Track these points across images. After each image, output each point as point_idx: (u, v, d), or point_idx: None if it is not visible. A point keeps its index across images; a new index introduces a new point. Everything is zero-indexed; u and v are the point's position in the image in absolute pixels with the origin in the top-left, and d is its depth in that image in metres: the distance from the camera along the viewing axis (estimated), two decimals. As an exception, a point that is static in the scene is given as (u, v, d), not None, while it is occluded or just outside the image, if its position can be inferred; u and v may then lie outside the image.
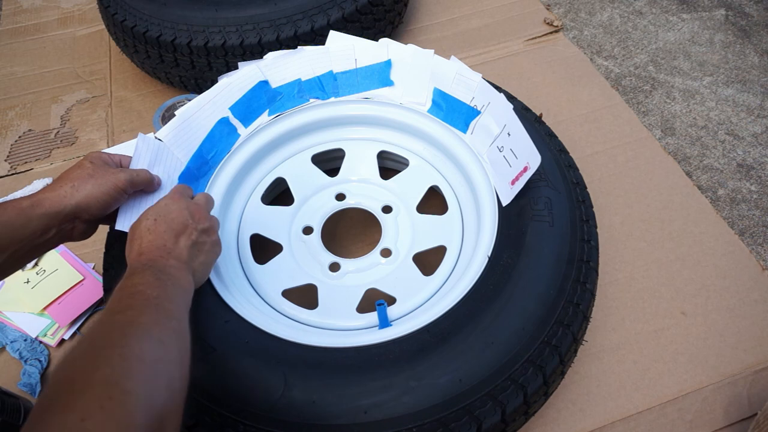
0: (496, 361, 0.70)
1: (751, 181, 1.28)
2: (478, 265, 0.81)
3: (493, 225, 0.85)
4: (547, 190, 0.85)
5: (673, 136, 1.37)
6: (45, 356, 0.98)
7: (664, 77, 1.50)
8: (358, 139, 1.06)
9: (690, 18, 1.65)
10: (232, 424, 0.68)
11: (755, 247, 1.17)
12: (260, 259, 0.94)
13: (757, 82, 1.47)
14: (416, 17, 1.55)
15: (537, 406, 0.77)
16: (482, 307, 0.75)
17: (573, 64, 1.41)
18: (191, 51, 1.19)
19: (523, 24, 1.51)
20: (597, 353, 0.95)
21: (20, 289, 1.06)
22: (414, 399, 0.67)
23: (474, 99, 0.95)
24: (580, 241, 0.82)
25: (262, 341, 0.74)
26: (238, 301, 0.81)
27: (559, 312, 0.75)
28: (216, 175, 0.94)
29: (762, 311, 0.99)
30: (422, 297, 0.87)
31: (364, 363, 0.71)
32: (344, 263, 0.93)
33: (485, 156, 0.91)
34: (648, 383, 0.92)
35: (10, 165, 1.30)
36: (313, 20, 1.20)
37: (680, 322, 0.98)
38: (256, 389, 0.69)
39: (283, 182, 1.03)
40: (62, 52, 1.54)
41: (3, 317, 1.03)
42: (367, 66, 1.01)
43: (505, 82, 1.31)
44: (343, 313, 0.86)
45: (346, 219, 1.11)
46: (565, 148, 0.95)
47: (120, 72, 1.48)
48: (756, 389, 0.92)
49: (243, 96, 0.97)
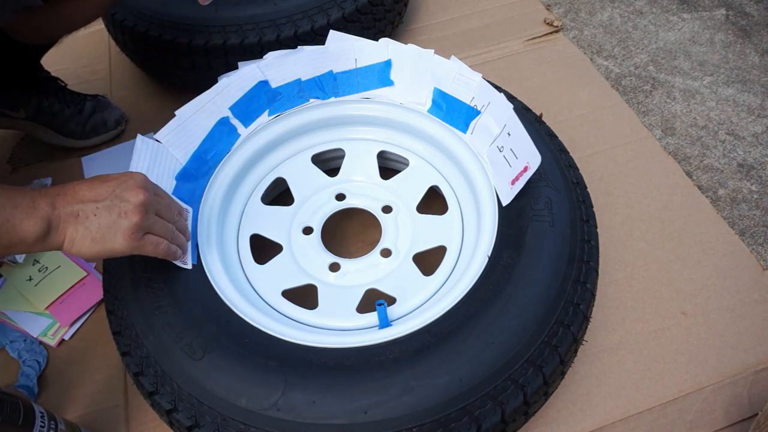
0: (496, 362, 0.70)
1: (751, 181, 1.28)
2: (478, 265, 0.81)
3: (493, 225, 0.85)
4: (547, 190, 0.85)
5: (674, 136, 1.37)
6: (44, 357, 0.98)
7: (664, 77, 1.50)
8: (358, 139, 1.06)
9: (690, 18, 1.65)
10: (232, 424, 0.68)
11: (756, 247, 1.17)
12: (260, 259, 0.94)
13: (757, 82, 1.47)
14: (416, 17, 1.55)
15: (537, 406, 0.77)
16: (482, 307, 0.75)
17: (573, 64, 1.41)
18: (191, 51, 1.19)
19: (523, 24, 1.51)
20: (597, 353, 0.95)
21: (23, 286, 1.06)
22: (414, 399, 0.67)
23: (474, 99, 0.95)
24: (580, 241, 0.82)
25: (262, 341, 0.74)
26: (238, 301, 0.80)
27: (559, 312, 0.75)
28: (216, 175, 0.94)
29: (762, 311, 0.99)
30: (422, 297, 0.87)
31: (364, 363, 0.71)
32: (344, 263, 0.93)
33: (485, 156, 0.91)
34: (648, 383, 0.92)
35: (12, 167, 1.30)
36: (313, 20, 1.20)
37: (680, 322, 0.98)
38: (256, 389, 0.69)
39: (283, 182, 1.03)
40: (62, 52, 1.54)
41: (3, 317, 1.03)
42: (367, 66, 1.01)
43: (505, 82, 1.31)
44: (343, 313, 0.86)
45: (346, 219, 1.11)
46: (565, 148, 0.95)
47: (120, 72, 1.48)
48: (756, 389, 0.92)
49: (243, 96, 0.97)
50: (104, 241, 0.68)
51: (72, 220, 0.67)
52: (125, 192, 0.70)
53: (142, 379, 0.74)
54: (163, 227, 0.75)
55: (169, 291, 0.78)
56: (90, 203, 0.68)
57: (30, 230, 0.64)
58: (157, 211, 0.74)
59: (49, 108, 1.23)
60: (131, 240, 0.69)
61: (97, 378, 0.97)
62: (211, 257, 0.85)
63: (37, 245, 0.66)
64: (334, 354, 0.72)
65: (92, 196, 0.68)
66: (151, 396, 0.73)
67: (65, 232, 0.67)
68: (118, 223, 0.68)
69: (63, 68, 1.49)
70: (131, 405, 0.93)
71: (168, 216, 0.77)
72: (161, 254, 0.74)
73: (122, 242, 0.69)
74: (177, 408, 0.71)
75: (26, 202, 0.65)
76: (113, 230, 0.68)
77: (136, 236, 0.70)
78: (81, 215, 0.67)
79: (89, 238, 0.67)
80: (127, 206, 0.69)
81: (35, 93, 1.22)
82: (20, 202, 0.64)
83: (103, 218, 0.68)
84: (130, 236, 0.69)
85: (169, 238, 0.75)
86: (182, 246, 0.79)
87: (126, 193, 0.70)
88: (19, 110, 1.22)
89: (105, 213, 0.68)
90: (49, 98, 1.24)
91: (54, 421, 0.74)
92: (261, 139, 1.00)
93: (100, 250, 0.68)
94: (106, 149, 1.30)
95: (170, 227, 0.76)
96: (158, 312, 0.76)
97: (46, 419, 0.72)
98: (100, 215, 0.68)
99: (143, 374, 0.74)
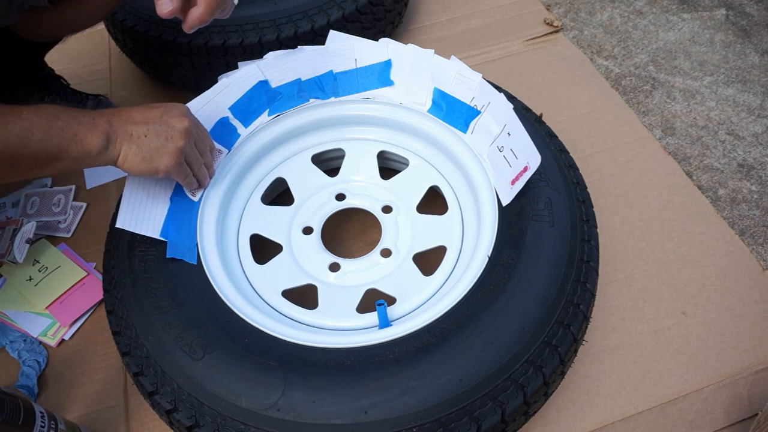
0: (496, 361, 0.70)
1: (751, 181, 1.28)
2: (478, 265, 0.81)
3: (493, 225, 0.85)
4: (547, 190, 0.85)
5: (674, 136, 1.37)
6: (44, 357, 0.98)
7: (664, 77, 1.50)
8: (358, 139, 1.06)
9: (690, 18, 1.65)
10: (232, 424, 0.68)
11: (755, 247, 1.17)
12: (260, 259, 0.94)
13: (757, 82, 1.47)
14: (416, 17, 1.55)
15: (537, 406, 0.77)
16: (482, 307, 0.75)
17: (573, 64, 1.41)
18: (191, 51, 1.19)
19: (523, 24, 1.51)
20: (597, 353, 0.95)
21: (23, 286, 1.06)
22: (414, 399, 0.67)
23: (474, 99, 0.95)
24: (581, 241, 0.82)
25: (262, 341, 0.74)
26: (238, 301, 0.80)
27: (559, 312, 0.75)
28: (216, 175, 0.94)
29: (762, 311, 0.99)
30: (422, 297, 0.87)
31: (364, 363, 0.71)
32: (344, 263, 0.93)
33: (485, 156, 0.91)
34: (648, 383, 0.92)
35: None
36: (313, 20, 1.20)
37: (680, 322, 0.98)
38: (257, 389, 0.69)
39: (283, 182, 1.03)
40: (62, 52, 1.54)
41: (3, 317, 1.03)
42: (367, 66, 1.01)
43: (505, 82, 1.31)
44: (343, 313, 0.86)
45: (346, 219, 1.11)
46: (565, 148, 0.95)
47: (120, 72, 1.48)
48: (757, 389, 0.92)
49: (243, 96, 0.97)
50: (152, 161, 0.77)
51: (126, 137, 0.75)
52: (171, 118, 0.79)
53: (142, 379, 0.74)
54: (195, 157, 0.84)
55: (169, 291, 0.78)
56: (141, 125, 0.77)
57: (94, 143, 0.73)
58: (195, 140, 0.83)
59: None
60: (175, 162, 0.79)
61: (97, 378, 0.97)
62: (211, 257, 0.86)
63: (98, 158, 0.74)
64: (334, 354, 0.72)
65: (143, 119, 0.77)
66: (151, 396, 0.73)
67: (120, 148, 0.75)
68: (165, 145, 0.78)
69: (63, 68, 1.49)
70: (131, 405, 0.93)
71: (201, 147, 0.85)
72: (185, 183, 0.85)
73: (167, 162, 0.78)
74: (177, 408, 0.71)
75: (87, 119, 0.73)
76: (161, 152, 0.77)
77: (179, 159, 0.79)
78: (134, 135, 0.76)
79: (140, 156, 0.76)
80: (173, 131, 0.78)
81: (37, 90, 1.22)
82: (83, 120, 0.73)
83: (153, 140, 0.77)
84: (174, 158, 0.78)
85: (195, 167, 0.84)
86: (202, 180, 0.88)
87: (172, 119, 0.79)
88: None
89: (154, 136, 0.77)
90: (51, 96, 1.24)
91: (54, 421, 0.74)
92: (261, 139, 1.00)
93: (147, 167, 0.77)
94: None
95: (199, 159, 0.85)
96: (158, 312, 0.76)
97: (46, 419, 0.72)
98: (150, 137, 0.77)
99: (143, 374, 0.74)
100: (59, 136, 0.71)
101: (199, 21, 0.79)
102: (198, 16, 0.79)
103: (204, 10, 0.79)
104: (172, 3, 0.76)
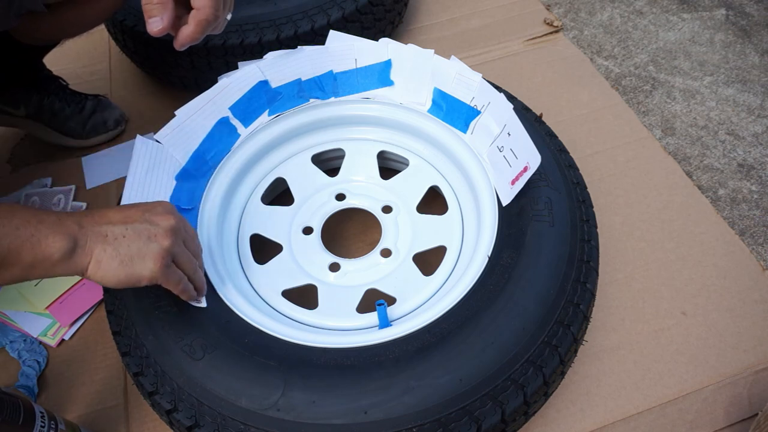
0: (496, 361, 0.70)
1: (751, 181, 1.28)
2: (478, 265, 0.81)
3: (493, 225, 0.85)
4: (547, 190, 0.85)
5: (674, 136, 1.37)
6: (44, 357, 0.98)
7: (664, 77, 1.50)
8: (358, 139, 1.06)
9: (690, 18, 1.65)
10: (232, 424, 0.68)
11: (756, 247, 1.17)
12: (260, 259, 0.94)
13: (757, 82, 1.47)
14: (416, 17, 1.55)
15: (537, 406, 0.77)
16: (482, 307, 0.75)
17: (573, 64, 1.41)
18: (191, 51, 1.19)
19: (523, 24, 1.51)
20: (597, 353, 0.95)
21: (23, 286, 1.05)
22: (414, 399, 0.67)
23: (474, 99, 0.95)
24: (581, 241, 0.82)
25: (262, 341, 0.74)
26: (238, 301, 0.81)
27: (559, 312, 0.75)
28: (216, 175, 0.94)
29: (762, 311, 0.99)
30: (422, 297, 0.87)
31: (364, 363, 0.71)
32: (344, 263, 0.93)
33: (485, 156, 0.91)
34: (648, 383, 0.92)
35: (12, 167, 1.30)
36: (313, 20, 1.20)
37: (680, 322, 0.98)
38: (257, 389, 0.69)
39: (283, 182, 1.03)
40: (62, 52, 1.54)
41: (3, 317, 1.03)
42: (367, 66, 1.01)
43: (505, 82, 1.31)
44: (343, 313, 0.86)
45: (346, 219, 1.11)
46: (565, 148, 0.95)
47: (120, 72, 1.48)
48: (757, 389, 0.92)
49: (243, 96, 0.97)
50: (132, 265, 0.64)
51: (100, 239, 0.64)
52: (155, 216, 0.69)
53: (142, 379, 0.74)
54: (188, 258, 0.72)
55: (169, 291, 0.78)
56: (119, 225, 0.65)
57: (55, 246, 0.61)
58: (184, 240, 0.72)
59: (49, 106, 1.24)
60: (161, 265, 0.66)
61: (97, 378, 0.97)
62: (211, 257, 0.85)
63: (60, 265, 0.61)
64: (334, 354, 0.72)
65: (121, 218, 0.66)
66: (151, 396, 0.73)
67: (92, 252, 0.63)
68: (148, 246, 0.65)
69: (63, 68, 1.49)
70: (131, 405, 0.93)
71: (192, 248, 0.74)
72: (179, 291, 0.72)
73: (151, 267, 0.65)
74: (177, 408, 0.71)
75: (52, 219, 0.62)
76: (143, 253, 0.65)
77: (166, 261, 0.67)
78: (110, 235, 0.64)
79: (117, 260, 0.64)
80: (157, 230, 0.67)
81: (36, 91, 1.22)
82: (46, 219, 0.62)
83: (133, 241, 0.65)
84: (159, 260, 0.66)
85: (190, 271, 0.73)
86: (200, 285, 0.76)
87: (156, 217, 0.68)
88: (20, 108, 1.22)
89: (134, 236, 0.65)
90: (50, 97, 1.24)
91: (54, 421, 0.74)
92: (261, 139, 1.00)
93: (127, 274, 0.64)
94: (106, 149, 1.30)
95: (193, 260, 0.73)
96: (158, 312, 0.76)
97: (46, 419, 0.72)
98: (129, 238, 0.65)
99: (143, 374, 0.74)
100: (11, 235, 0.58)
101: (190, 39, 0.75)
102: (189, 34, 0.75)
103: (195, 29, 0.74)
104: (162, 21, 0.71)
